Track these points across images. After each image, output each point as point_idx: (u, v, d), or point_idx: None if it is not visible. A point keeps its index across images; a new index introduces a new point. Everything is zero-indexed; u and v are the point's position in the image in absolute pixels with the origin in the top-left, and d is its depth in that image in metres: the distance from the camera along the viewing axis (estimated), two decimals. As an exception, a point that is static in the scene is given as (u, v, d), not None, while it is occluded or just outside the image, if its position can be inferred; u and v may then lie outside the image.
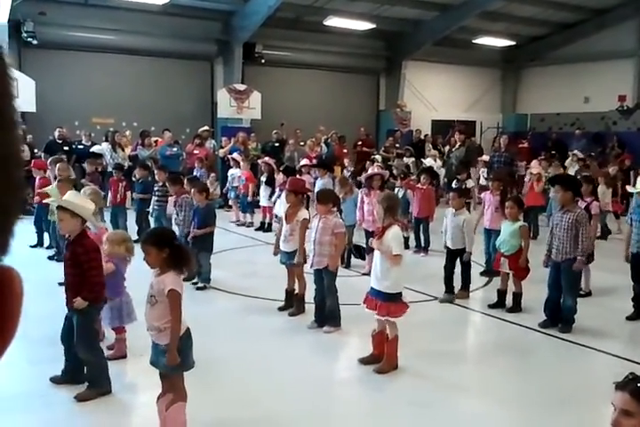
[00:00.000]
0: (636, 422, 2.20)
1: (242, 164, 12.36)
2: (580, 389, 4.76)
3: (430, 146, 18.47)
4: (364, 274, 8.09)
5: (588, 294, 7.38)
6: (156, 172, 9.69)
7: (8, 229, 0.34)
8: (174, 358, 3.56)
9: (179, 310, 3.59)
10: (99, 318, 4.73)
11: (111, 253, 5.02)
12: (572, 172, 12.91)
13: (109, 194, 10.46)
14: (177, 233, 7.96)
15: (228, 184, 12.88)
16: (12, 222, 0.35)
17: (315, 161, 13.37)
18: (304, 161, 12.92)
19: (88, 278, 4.23)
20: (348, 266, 8.56)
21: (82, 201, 4.43)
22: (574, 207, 6.05)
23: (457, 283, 7.27)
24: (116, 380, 4.51)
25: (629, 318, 6.52)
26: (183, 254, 3.71)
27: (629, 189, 7.62)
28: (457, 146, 13.50)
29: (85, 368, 4.28)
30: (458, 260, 7.28)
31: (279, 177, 11.16)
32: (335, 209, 6.19)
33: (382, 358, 5.11)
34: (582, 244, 5.92)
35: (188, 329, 3.70)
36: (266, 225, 11.47)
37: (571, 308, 6.06)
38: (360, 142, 17.53)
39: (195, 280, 7.45)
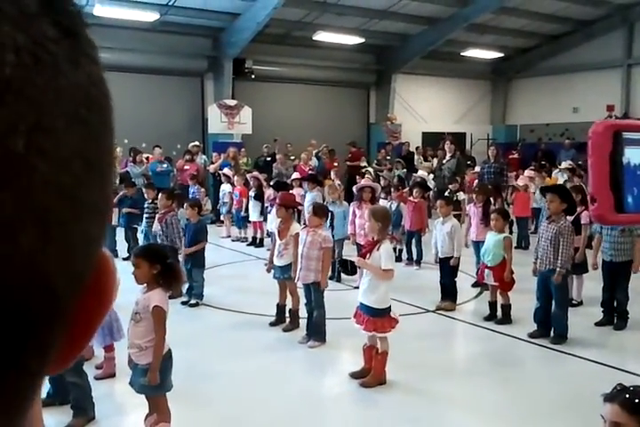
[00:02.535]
0: None
1: (235, 179, 12.35)
2: (569, 399, 4.75)
3: (421, 158, 18.56)
4: (355, 287, 8.09)
5: (580, 303, 7.40)
6: (144, 190, 9.62)
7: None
8: (155, 378, 3.51)
9: (163, 328, 3.56)
10: None
11: None
12: (560, 181, 12.93)
13: None
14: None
15: (220, 200, 12.91)
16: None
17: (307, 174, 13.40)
18: (295, 174, 12.95)
19: None
20: (339, 280, 8.54)
21: None
22: (560, 218, 6.09)
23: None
24: (104, 401, 4.47)
25: (598, 324, 6.63)
26: (174, 274, 3.70)
27: None
28: (448, 157, 13.54)
29: (71, 393, 4.19)
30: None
31: (268, 191, 11.18)
32: (325, 223, 6.20)
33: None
34: (562, 255, 5.95)
35: (169, 350, 3.67)
36: (257, 240, 11.45)
37: (560, 319, 6.07)
38: (350, 155, 17.59)
39: (185, 299, 7.35)
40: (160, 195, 8.09)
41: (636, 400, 2.27)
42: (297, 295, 6.50)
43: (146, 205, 9.36)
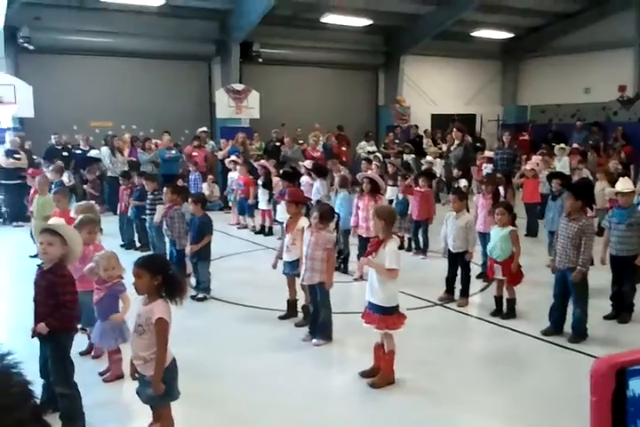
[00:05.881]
0: None
1: (238, 168, 12.28)
2: (580, 401, 4.73)
3: (430, 141, 18.39)
4: (354, 280, 8.13)
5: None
6: (144, 182, 9.53)
7: None
8: (159, 388, 3.51)
9: (166, 340, 3.53)
10: (70, 347, 4.28)
11: (113, 274, 5.01)
12: (560, 167, 12.75)
13: (119, 203, 10.55)
14: (168, 245, 7.95)
15: (228, 187, 12.89)
16: None
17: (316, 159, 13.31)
18: (306, 162, 12.85)
19: (61, 309, 3.99)
20: (345, 271, 8.54)
21: (77, 236, 4.27)
22: (581, 216, 5.97)
23: (457, 284, 7.29)
24: (108, 406, 4.50)
25: (607, 318, 6.63)
26: (176, 285, 3.61)
27: (609, 190, 7.49)
28: (455, 145, 13.39)
29: (59, 404, 4.06)
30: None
31: (276, 180, 11.14)
32: (330, 223, 6.16)
33: (382, 371, 5.10)
34: (584, 254, 5.86)
35: (173, 359, 3.65)
36: (267, 229, 11.44)
37: (580, 318, 6.00)
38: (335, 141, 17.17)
39: (193, 293, 7.34)
40: (165, 189, 8.06)
41: None
42: (307, 291, 6.49)
43: (148, 197, 9.36)
